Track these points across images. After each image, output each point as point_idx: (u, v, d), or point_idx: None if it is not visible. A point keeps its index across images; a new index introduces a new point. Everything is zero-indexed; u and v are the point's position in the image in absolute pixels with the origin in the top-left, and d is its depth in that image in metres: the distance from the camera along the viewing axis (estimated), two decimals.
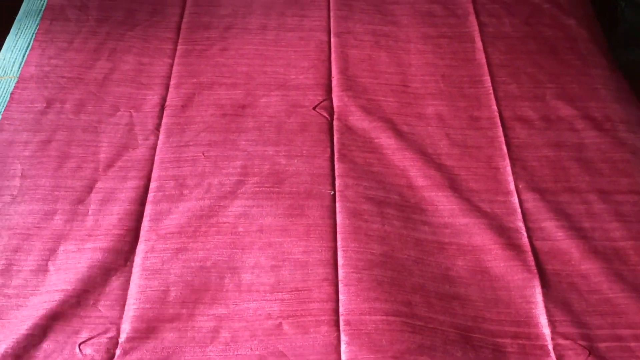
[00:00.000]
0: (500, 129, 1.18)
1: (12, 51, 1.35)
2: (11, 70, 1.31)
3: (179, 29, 1.37)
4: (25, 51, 1.33)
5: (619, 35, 1.91)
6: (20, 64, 1.31)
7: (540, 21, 1.41)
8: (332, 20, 1.40)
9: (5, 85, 1.28)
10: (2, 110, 1.22)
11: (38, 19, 1.41)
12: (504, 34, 1.37)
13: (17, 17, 1.44)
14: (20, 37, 1.38)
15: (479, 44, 1.34)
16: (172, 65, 1.29)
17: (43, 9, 1.43)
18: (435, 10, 1.42)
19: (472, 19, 1.40)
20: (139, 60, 1.29)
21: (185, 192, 1.08)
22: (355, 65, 1.30)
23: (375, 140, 1.16)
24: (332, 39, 1.35)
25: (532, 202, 1.08)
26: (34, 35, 1.36)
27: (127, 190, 1.09)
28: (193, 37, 1.35)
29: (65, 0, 1.41)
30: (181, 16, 1.40)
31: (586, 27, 1.40)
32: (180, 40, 1.34)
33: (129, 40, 1.33)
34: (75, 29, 1.35)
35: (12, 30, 1.41)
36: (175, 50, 1.32)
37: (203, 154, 1.13)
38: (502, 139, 1.17)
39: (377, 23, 1.39)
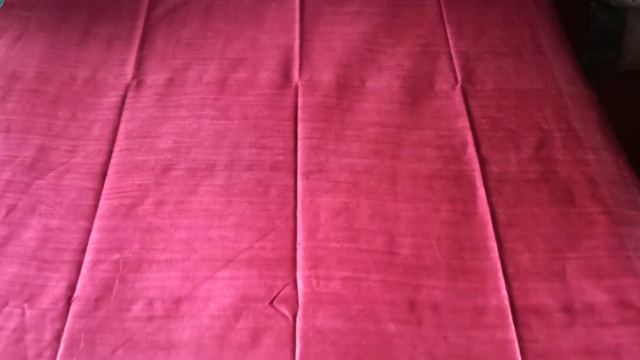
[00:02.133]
0: (513, 327, 0.91)
1: None
2: None
3: (104, 174, 1.08)
4: None
5: (590, 36, 1.90)
6: None
7: (552, 155, 1.14)
8: (299, 152, 1.12)
9: None
10: None
11: None
12: (511, 175, 1.11)
13: None
14: None
15: (481, 190, 1.08)
16: (89, 232, 1.00)
17: None
18: (427, 138, 1.16)
19: (472, 151, 1.13)
20: (46, 224, 1.00)
21: None
22: (329, 222, 1.03)
23: (353, 350, 0.89)
24: (299, 183, 1.08)
25: None
26: None
27: None
28: (121, 185, 1.06)
29: None
30: (109, 154, 1.11)
31: (609, 163, 1.14)
32: (104, 192, 1.05)
33: (36, 192, 1.05)
34: None
35: None
36: (96, 207, 1.04)
37: None
38: (516, 345, 0.89)
39: (355, 154, 1.12)
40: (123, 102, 1.20)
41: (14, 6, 1.35)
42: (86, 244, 0.99)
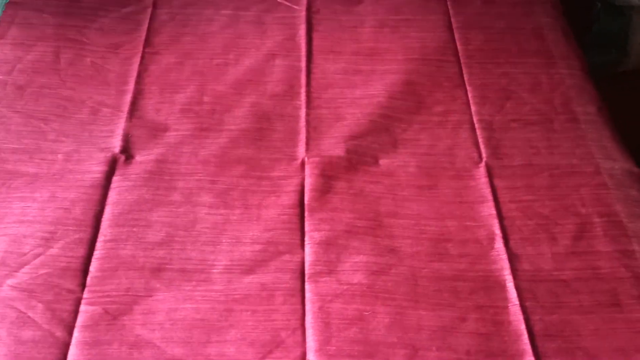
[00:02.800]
0: None
1: None
2: None
3: (85, 271, 0.94)
4: None
5: (593, 35, 1.88)
6: None
7: (592, 247, 1.00)
8: (307, 248, 0.99)
9: None
10: None
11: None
12: (545, 274, 0.96)
13: None
14: None
15: (512, 293, 0.94)
16: (67, 345, 0.87)
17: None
18: (449, 230, 1.02)
19: (500, 246, 1.00)
20: (17, 337, 0.87)
21: None
22: (341, 333, 0.89)
23: None
24: (308, 286, 0.95)
25: None
26: None
27: None
28: (106, 288, 0.92)
29: None
30: (91, 245, 0.98)
31: None
32: (85, 296, 0.92)
33: (6, 296, 0.91)
34: None
35: None
36: (76, 314, 0.90)
37: None
38: None
39: (369, 251, 0.98)
40: (109, 181, 1.07)
41: None
42: None
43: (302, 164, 1.11)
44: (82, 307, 0.92)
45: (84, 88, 1.21)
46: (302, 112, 1.20)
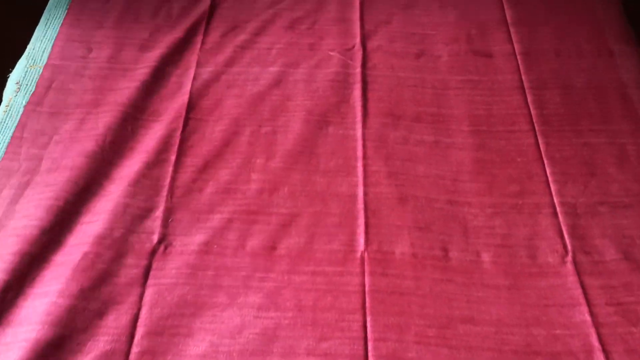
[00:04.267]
0: None
1: (41, 41, 1.34)
2: (40, 60, 1.29)
3: None
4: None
5: None
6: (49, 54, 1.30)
7: None
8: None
9: (35, 74, 1.26)
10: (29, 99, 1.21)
11: (66, 8, 1.40)
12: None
13: (47, 7, 1.44)
14: (50, 26, 1.38)
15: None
16: None
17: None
18: (536, 339, 0.89)
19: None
20: None
21: None
22: None
23: None
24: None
25: None
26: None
27: None
28: None
29: None
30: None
31: None
32: None
33: None
34: None
35: (41, 20, 1.41)
36: None
37: None
38: None
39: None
40: (146, 277, 0.96)
41: (23, 142, 1.14)
42: None
43: (362, 258, 0.99)
44: None
45: (124, 161, 1.10)
46: (360, 191, 1.07)
